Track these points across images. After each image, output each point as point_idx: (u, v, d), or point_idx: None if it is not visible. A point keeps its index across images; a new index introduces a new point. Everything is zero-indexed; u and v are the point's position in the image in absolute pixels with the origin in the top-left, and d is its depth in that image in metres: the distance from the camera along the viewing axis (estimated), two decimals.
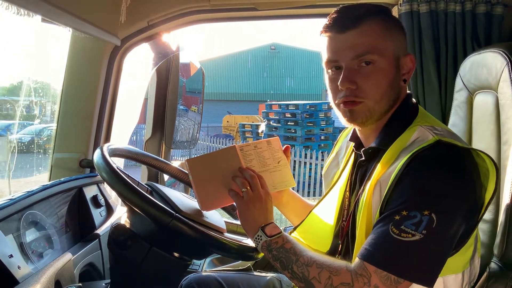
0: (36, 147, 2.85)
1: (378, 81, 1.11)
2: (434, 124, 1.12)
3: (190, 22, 2.01)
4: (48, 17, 1.37)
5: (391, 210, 1.00)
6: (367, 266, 0.98)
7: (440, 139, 1.04)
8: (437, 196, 0.99)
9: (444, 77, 1.77)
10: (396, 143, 1.11)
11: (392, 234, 0.97)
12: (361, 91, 1.11)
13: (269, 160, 1.31)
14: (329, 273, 1.01)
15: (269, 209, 1.19)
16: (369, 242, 1.01)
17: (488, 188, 1.07)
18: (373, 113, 1.13)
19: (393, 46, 1.13)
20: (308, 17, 2.05)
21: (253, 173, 1.21)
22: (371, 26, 1.11)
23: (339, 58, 1.13)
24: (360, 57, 1.10)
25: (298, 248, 1.09)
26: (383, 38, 1.12)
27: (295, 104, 12.03)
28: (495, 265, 1.24)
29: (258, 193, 1.18)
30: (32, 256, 1.34)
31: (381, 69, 1.11)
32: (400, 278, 0.97)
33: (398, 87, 1.15)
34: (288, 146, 1.40)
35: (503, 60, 1.31)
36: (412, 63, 1.17)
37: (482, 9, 1.73)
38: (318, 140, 11.70)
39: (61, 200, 1.62)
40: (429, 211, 0.97)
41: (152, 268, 1.32)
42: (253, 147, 1.28)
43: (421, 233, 0.96)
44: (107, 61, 1.95)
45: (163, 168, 1.69)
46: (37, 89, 2.42)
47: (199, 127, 2.63)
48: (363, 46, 1.10)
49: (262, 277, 1.52)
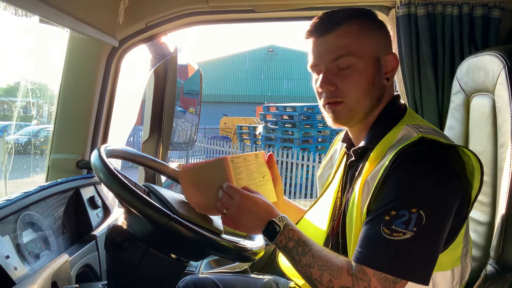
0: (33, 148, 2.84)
1: (357, 82, 1.15)
2: (420, 123, 1.15)
3: (188, 23, 2.01)
4: (46, 17, 1.36)
5: (380, 210, 1.02)
6: (366, 269, 1.00)
7: (423, 136, 1.07)
8: (422, 193, 1.01)
9: (441, 79, 1.78)
10: (383, 141, 1.13)
11: (384, 235, 0.99)
12: (341, 91, 1.15)
13: (256, 173, 1.32)
14: (330, 276, 1.03)
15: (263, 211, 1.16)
16: (363, 244, 1.03)
17: (474, 185, 1.10)
18: (355, 112, 1.16)
19: (373, 46, 1.17)
20: (306, 20, 2.05)
21: (236, 188, 1.18)
22: (349, 29, 1.15)
23: (319, 62, 1.18)
24: (338, 60, 1.14)
25: (300, 247, 1.08)
26: (361, 40, 1.15)
27: (293, 106, 12.03)
28: (492, 268, 1.24)
29: (245, 202, 1.16)
30: (29, 257, 1.33)
31: (360, 70, 1.14)
32: (397, 278, 0.99)
33: (380, 86, 1.18)
34: (271, 154, 1.39)
35: (500, 63, 1.32)
36: (395, 61, 1.20)
37: (479, 12, 1.73)
38: (316, 142, 11.71)
39: (58, 201, 1.62)
40: (416, 208, 0.99)
41: (149, 269, 1.32)
42: (243, 160, 1.29)
43: (411, 230, 0.98)
44: (105, 62, 1.95)
45: (160, 170, 1.68)
46: (35, 90, 2.41)
47: (197, 128, 2.63)
48: (341, 49, 1.14)
49: (259, 279, 1.52)
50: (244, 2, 1.91)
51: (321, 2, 1.89)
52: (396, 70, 1.21)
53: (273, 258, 1.95)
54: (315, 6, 1.90)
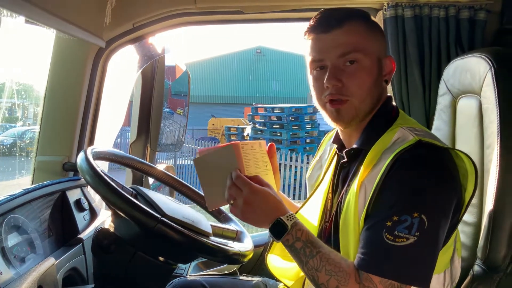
0: (19, 150, 2.81)
1: (363, 80, 1.13)
2: (414, 126, 1.15)
3: (176, 24, 2.00)
4: (32, 18, 1.34)
5: (381, 216, 1.02)
6: (372, 277, 1.00)
7: (420, 139, 1.06)
8: (423, 197, 1.01)
9: (428, 81, 1.79)
10: (378, 144, 1.13)
11: (387, 241, 0.99)
12: (347, 89, 1.13)
13: (261, 162, 1.30)
14: (337, 283, 1.02)
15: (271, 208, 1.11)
16: (366, 251, 1.02)
17: (468, 188, 1.10)
18: (358, 112, 1.15)
19: (376, 47, 1.17)
20: (294, 21, 2.05)
21: (246, 180, 1.12)
22: (356, 27, 1.14)
23: (324, 57, 1.14)
24: (345, 56, 1.13)
25: (308, 249, 1.06)
26: (367, 39, 1.15)
27: (281, 107, 12.05)
28: (479, 268, 1.25)
29: (254, 197, 1.11)
30: (14, 261, 1.31)
31: (366, 67, 1.13)
32: (402, 284, 0.99)
33: (381, 87, 1.18)
34: (273, 144, 1.35)
35: (486, 65, 1.33)
36: (392, 64, 1.20)
37: (466, 14, 1.75)
38: (304, 143, 11.74)
39: (44, 204, 1.59)
40: (418, 213, 0.99)
41: (136, 272, 1.31)
42: (250, 147, 1.24)
43: (414, 235, 0.98)
44: (92, 63, 1.93)
45: (148, 171, 1.67)
46: (20, 91, 2.38)
47: (185, 130, 2.62)
48: (348, 45, 1.13)
49: (247, 281, 1.52)
50: (232, 3, 1.90)
51: (309, 4, 1.89)
52: (392, 74, 1.21)
53: (262, 260, 1.94)
54: (303, 7, 1.90)
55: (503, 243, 1.23)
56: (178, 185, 1.69)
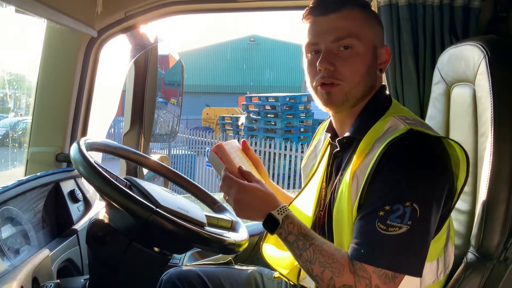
0: (11, 141, 2.79)
1: (356, 65, 1.14)
2: (406, 115, 1.15)
3: (169, 13, 1.98)
4: (22, 7, 1.33)
5: (373, 205, 1.02)
6: (366, 267, 1.00)
7: (412, 128, 1.07)
8: (415, 186, 1.02)
9: (422, 69, 1.79)
10: (370, 133, 1.13)
11: (380, 230, 1.00)
12: (339, 73, 1.13)
13: (244, 159, 1.33)
14: (331, 274, 1.02)
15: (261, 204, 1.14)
16: (360, 241, 1.03)
17: (460, 176, 1.10)
18: (349, 97, 1.15)
19: (372, 35, 1.17)
20: (288, 9, 2.04)
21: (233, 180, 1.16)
22: (353, 12, 1.15)
23: (319, 40, 1.15)
24: (340, 40, 1.13)
25: (301, 242, 1.07)
26: (363, 25, 1.15)
27: (275, 96, 12.04)
28: (472, 256, 1.26)
29: (243, 195, 1.14)
30: (8, 253, 1.31)
31: (359, 54, 1.14)
32: (396, 273, 1.00)
33: (374, 75, 1.18)
34: (245, 140, 1.40)
35: (480, 53, 1.33)
36: (388, 55, 1.21)
37: (460, 2, 1.74)
38: (298, 132, 11.75)
39: (37, 195, 1.59)
40: (410, 201, 0.99)
41: (131, 263, 1.31)
42: (231, 146, 1.30)
43: (407, 224, 0.99)
44: (84, 53, 1.91)
45: (142, 162, 1.66)
46: (12, 81, 2.36)
47: (179, 119, 2.61)
48: (343, 30, 1.13)
49: (243, 271, 1.52)
50: None
51: None
52: (388, 64, 1.22)
53: (257, 249, 1.95)
54: None
55: (496, 231, 1.23)
56: (173, 176, 1.68)
